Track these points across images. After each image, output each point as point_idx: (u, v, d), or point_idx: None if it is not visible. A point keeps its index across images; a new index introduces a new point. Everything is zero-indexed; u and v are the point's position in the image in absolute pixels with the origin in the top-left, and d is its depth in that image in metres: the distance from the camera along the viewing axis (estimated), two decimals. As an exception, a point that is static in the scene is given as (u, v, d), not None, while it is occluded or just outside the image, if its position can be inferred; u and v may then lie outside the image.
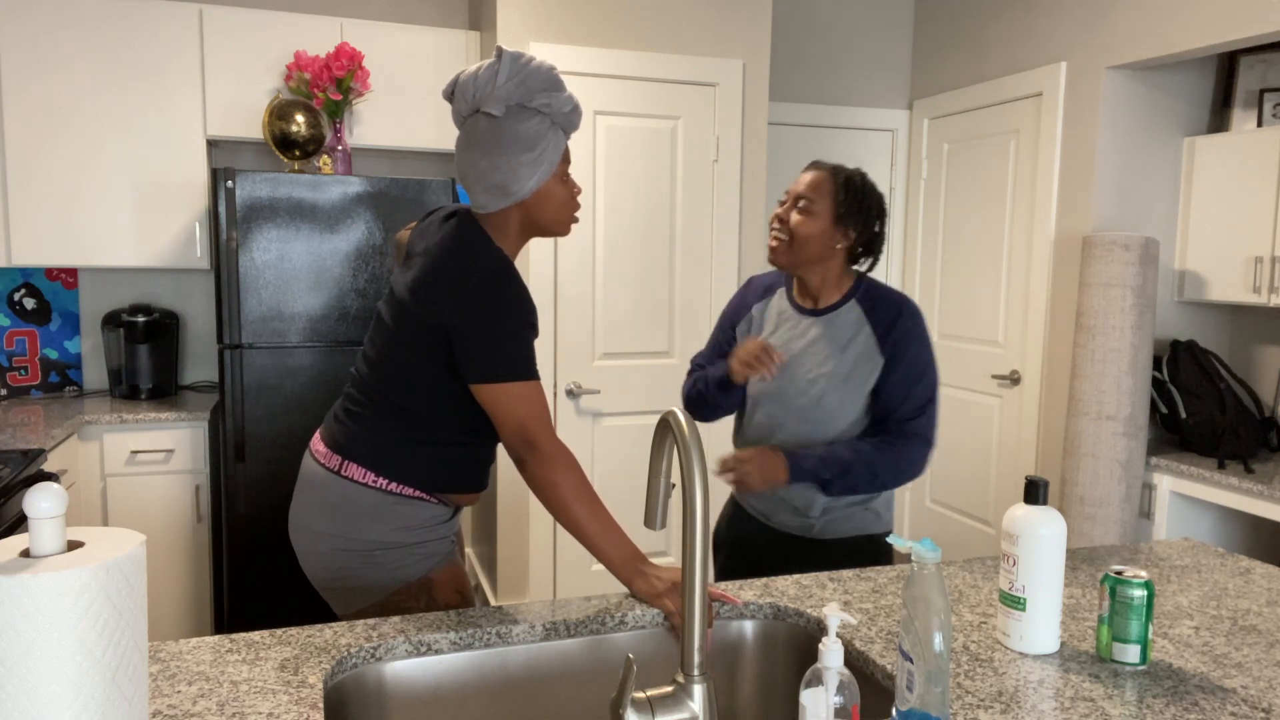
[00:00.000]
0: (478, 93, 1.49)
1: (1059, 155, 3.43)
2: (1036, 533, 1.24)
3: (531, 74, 1.48)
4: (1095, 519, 3.08)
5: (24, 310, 3.47)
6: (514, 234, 1.56)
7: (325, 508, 1.54)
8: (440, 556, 1.56)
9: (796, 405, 1.77)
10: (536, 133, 1.49)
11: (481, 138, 1.49)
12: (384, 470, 1.52)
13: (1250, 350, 3.39)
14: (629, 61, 3.36)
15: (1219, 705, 1.11)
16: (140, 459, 3.10)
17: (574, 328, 3.40)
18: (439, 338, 1.46)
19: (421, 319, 1.46)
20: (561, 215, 1.57)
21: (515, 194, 1.50)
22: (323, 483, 1.55)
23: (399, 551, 1.52)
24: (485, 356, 1.43)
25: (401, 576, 1.52)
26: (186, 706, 1.07)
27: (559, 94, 1.50)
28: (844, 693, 0.96)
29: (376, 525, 1.51)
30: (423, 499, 1.53)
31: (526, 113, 1.49)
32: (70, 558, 0.81)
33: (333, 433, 1.58)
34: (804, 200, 1.74)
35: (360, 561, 1.51)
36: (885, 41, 4.26)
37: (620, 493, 3.52)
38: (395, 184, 3.11)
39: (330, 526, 1.53)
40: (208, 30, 3.26)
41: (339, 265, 3.08)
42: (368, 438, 1.53)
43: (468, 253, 1.47)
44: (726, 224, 3.54)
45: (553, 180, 1.53)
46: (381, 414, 1.53)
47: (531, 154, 1.48)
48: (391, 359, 1.52)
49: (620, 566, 1.42)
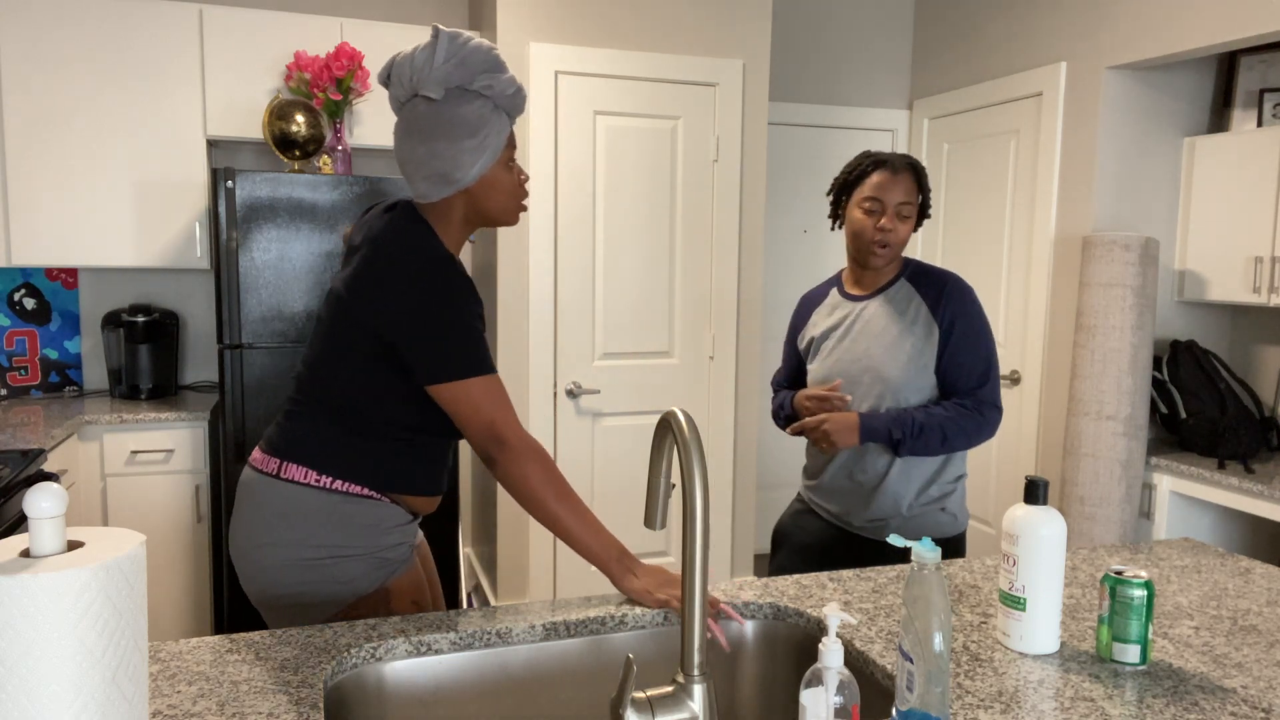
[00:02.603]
0: (415, 75, 1.40)
1: (1059, 155, 3.43)
2: (1036, 533, 1.24)
3: (470, 54, 1.40)
4: (1095, 519, 3.08)
5: (24, 310, 3.47)
6: (458, 224, 1.48)
7: (270, 517, 1.43)
8: (399, 564, 1.47)
9: (861, 382, 1.84)
10: (479, 116, 1.40)
11: (420, 123, 1.41)
12: (325, 468, 1.42)
13: (1250, 350, 3.39)
14: (629, 61, 3.36)
15: (1219, 705, 1.11)
16: (140, 459, 3.10)
17: (574, 328, 3.40)
18: (374, 339, 1.39)
19: (360, 317, 1.39)
20: (508, 203, 1.48)
21: (458, 182, 1.42)
22: (263, 490, 1.45)
23: (355, 561, 1.42)
24: (435, 356, 1.36)
25: (357, 589, 1.43)
26: (186, 706, 1.07)
27: (500, 75, 1.42)
28: (844, 693, 0.96)
29: (328, 529, 1.41)
30: (372, 498, 1.44)
31: (467, 95, 1.40)
32: (70, 558, 0.81)
33: (270, 437, 1.50)
34: (904, 207, 1.82)
35: (313, 574, 1.41)
36: (885, 41, 4.26)
37: (620, 493, 3.52)
38: (395, 184, 3.11)
39: (277, 536, 1.42)
40: (208, 30, 3.26)
41: (339, 265, 3.07)
42: (306, 436, 1.44)
43: (404, 245, 1.38)
44: (726, 224, 3.53)
45: (497, 166, 1.45)
46: (320, 411, 1.44)
47: (474, 139, 1.40)
48: (328, 356, 1.44)
49: (607, 562, 1.39)
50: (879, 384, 1.82)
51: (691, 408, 3.58)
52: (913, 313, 1.83)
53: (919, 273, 1.88)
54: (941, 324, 1.81)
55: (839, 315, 1.92)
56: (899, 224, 1.82)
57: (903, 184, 1.81)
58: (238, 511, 1.49)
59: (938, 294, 1.83)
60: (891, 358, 1.81)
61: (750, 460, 3.67)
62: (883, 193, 1.81)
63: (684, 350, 3.55)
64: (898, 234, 1.81)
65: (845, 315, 1.91)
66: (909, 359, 1.80)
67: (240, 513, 1.48)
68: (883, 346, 1.82)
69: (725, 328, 3.58)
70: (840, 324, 1.91)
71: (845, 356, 1.87)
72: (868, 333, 1.85)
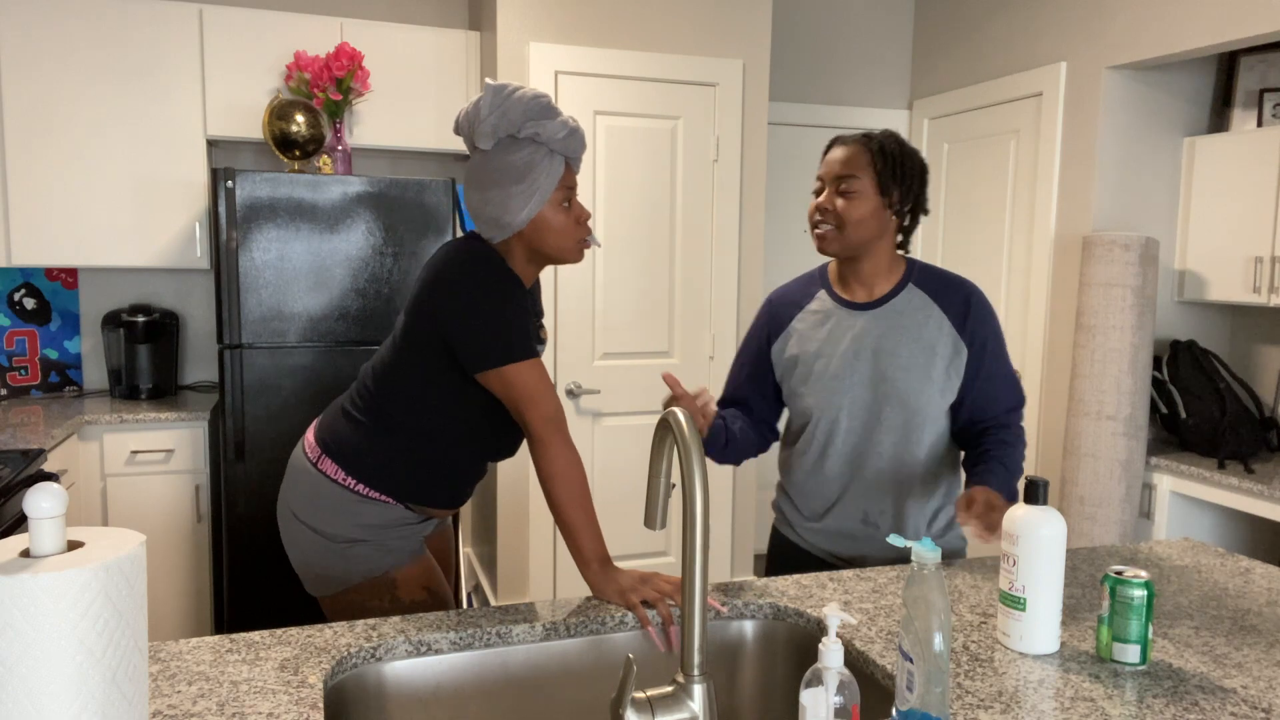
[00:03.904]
0: (470, 128, 1.51)
1: (1059, 155, 3.43)
2: (1037, 533, 1.23)
3: (514, 105, 1.47)
4: (1095, 519, 3.08)
5: (24, 310, 3.47)
6: (521, 262, 1.57)
7: (301, 495, 1.60)
8: (404, 554, 1.60)
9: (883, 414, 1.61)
10: (527, 162, 1.48)
11: (475, 172, 1.52)
12: (356, 472, 1.57)
13: (1250, 350, 3.39)
14: (629, 61, 3.36)
15: (1219, 705, 1.11)
16: (140, 459, 3.10)
17: (574, 328, 3.40)
18: (437, 345, 1.50)
19: (423, 326, 1.50)
20: (564, 243, 1.54)
21: (509, 225, 1.51)
22: (301, 472, 1.62)
23: (362, 546, 1.57)
24: (486, 342, 1.46)
25: (364, 570, 1.57)
26: (186, 706, 1.07)
27: (549, 121, 1.48)
28: (844, 693, 0.96)
29: (337, 520, 1.57)
30: (386, 502, 1.58)
31: (517, 143, 1.49)
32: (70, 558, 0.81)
33: (324, 426, 1.64)
34: (843, 181, 1.59)
35: (328, 550, 1.57)
36: (885, 41, 4.26)
37: (620, 493, 3.53)
38: (395, 184, 3.11)
39: (302, 513, 1.60)
40: (208, 30, 3.26)
41: (339, 265, 3.07)
42: (352, 440, 1.58)
43: (466, 259, 1.50)
44: (726, 224, 3.53)
45: (549, 208, 1.52)
46: (373, 422, 1.57)
47: (521, 185, 1.48)
48: (394, 367, 1.56)
49: (591, 561, 1.46)
50: (903, 414, 1.60)
51: (691, 408, 3.57)
52: (934, 328, 1.60)
53: (929, 276, 1.65)
54: (971, 342, 1.60)
55: (835, 328, 1.66)
56: (837, 200, 1.59)
57: (847, 157, 1.59)
58: (285, 479, 1.68)
59: (962, 307, 1.60)
60: (920, 385, 1.58)
61: (750, 460, 3.67)
62: (826, 168, 1.62)
63: (684, 350, 3.55)
64: (836, 213, 1.58)
65: (847, 329, 1.64)
66: (940, 386, 1.59)
67: (285, 481, 1.68)
68: (907, 371, 1.59)
69: (725, 328, 3.58)
70: (841, 340, 1.64)
71: (859, 382, 1.62)
72: (884, 352, 1.60)
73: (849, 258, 1.65)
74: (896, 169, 1.59)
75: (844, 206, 1.59)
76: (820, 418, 1.66)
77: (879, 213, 1.60)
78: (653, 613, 1.39)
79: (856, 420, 1.63)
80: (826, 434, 1.66)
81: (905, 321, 1.61)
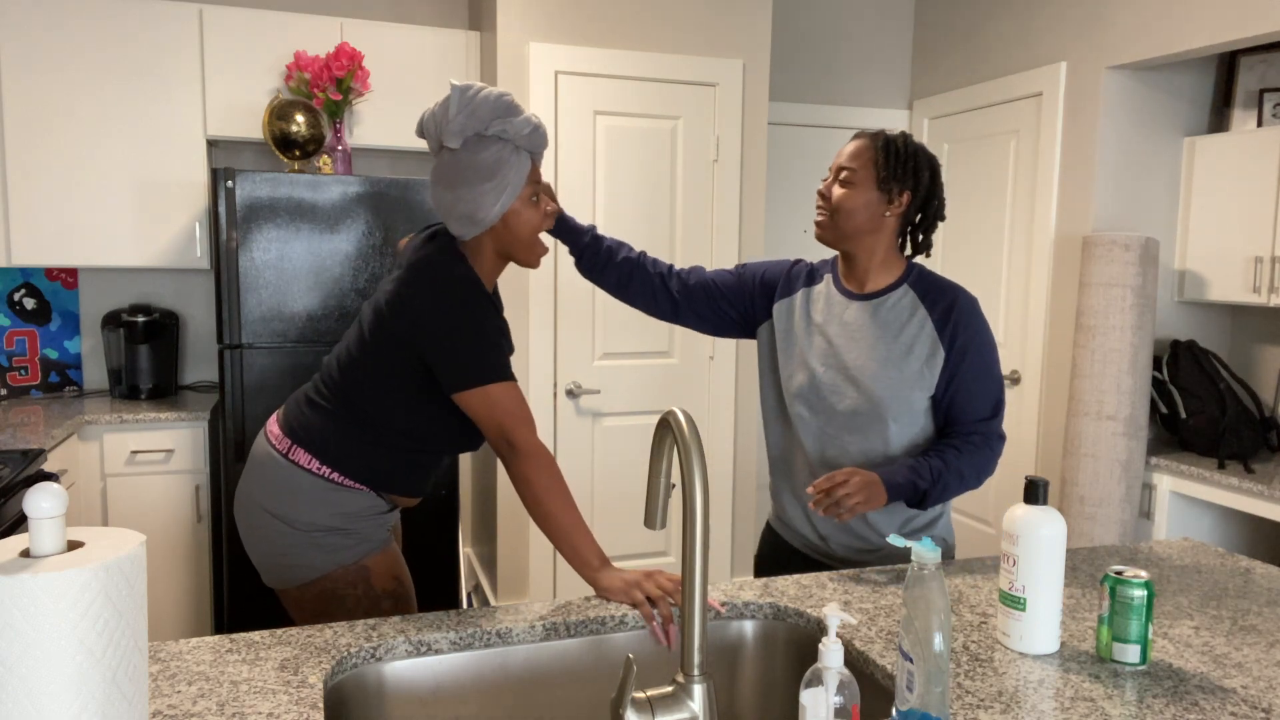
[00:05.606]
0: (436, 129, 1.55)
1: (1059, 155, 3.43)
2: (1037, 533, 1.24)
3: (480, 104, 1.52)
4: (1095, 519, 3.08)
5: (24, 310, 3.47)
6: (489, 260, 1.62)
7: (269, 487, 1.61)
8: (376, 543, 1.63)
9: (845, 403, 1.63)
10: (496, 159, 1.53)
11: (445, 171, 1.56)
12: (329, 461, 1.59)
13: (1250, 350, 3.39)
14: (629, 61, 3.36)
15: (1219, 705, 1.11)
16: (140, 459, 3.10)
17: (574, 328, 3.40)
18: (407, 352, 1.53)
19: (394, 333, 1.53)
20: (530, 239, 1.60)
21: (482, 221, 1.55)
22: (270, 465, 1.62)
23: (335, 535, 1.59)
24: (460, 365, 1.49)
25: (338, 560, 1.59)
26: (186, 706, 1.07)
27: (513, 118, 1.53)
28: (844, 693, 0.96)
29: (314, 509, 1.58)
30: (360, 489, 1.60)
31: (485, 141, 1.53)
32: (70, 558, 0.81)
33: (289, 417, 1.65)
34: (845, 171, 1.63)
35: (299, 540, 1.58)
36: (885, 41, 4.26)
37: (620, 493, 3.53)
38: (395, 184, 3.11)
39: (272, 506, 1.60)
40: (208, 30, 3.26)
41: (339, 265, 3.08)
42: (321, 429, 1.60)
43: (436, 271, 1.54)
44: (726, 224, 3.53)
45: (519, 203, 1.57)
46: (341, 411, 1.59)
47: (492, 181, 1.53)
48: (360, 363, 1.58)
49: (592, 560, 1.47)
50: (865, 403, 1.61)
51: (691, 408, 3.58)
52: (915, 328, 1.61)
53: (924, 281, 1.66)
54: (949, 346, 1.60)
55: (826, 311, 1.69)
56: (835, 188, 1.63)
57: (854, 150, 1.63)
58: (246, 473, 1.67)
59: (946, 311, 1.61)
60: (886, 378, 1.60)
61: (750, 460, 3.67)
62: (835, 159, 1.67)
63: (684, 350, 3.55)
64: (834, 200, 1.62)
65: (836, 314, 1.68)
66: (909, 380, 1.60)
67: (248, 475, 1.66)
68: (877, 362, 1.61)
69: (725, 328, 3.57)
70: (826, 323, 1.68)
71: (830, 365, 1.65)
72: (859, 341, 1.63)
73: (843, 249, 1.68)
74: (899, 166, 1.61)
75: (839, 195, 1.63)
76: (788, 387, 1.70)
77: (873, 206, 1.62)
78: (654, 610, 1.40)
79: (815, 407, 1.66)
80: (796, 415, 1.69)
81: (889, 317, 1.63)
